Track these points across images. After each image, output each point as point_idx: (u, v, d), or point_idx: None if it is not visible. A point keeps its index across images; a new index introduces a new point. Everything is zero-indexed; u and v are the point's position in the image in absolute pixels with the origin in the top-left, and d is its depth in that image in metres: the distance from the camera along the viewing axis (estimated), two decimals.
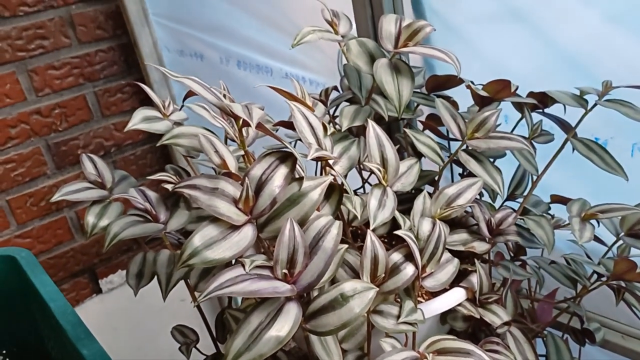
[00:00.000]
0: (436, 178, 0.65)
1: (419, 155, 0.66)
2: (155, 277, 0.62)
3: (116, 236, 0.56)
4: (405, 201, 0.64)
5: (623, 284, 0.59)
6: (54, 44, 1.13)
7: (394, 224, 0.61)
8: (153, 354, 1.32)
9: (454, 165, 0.72)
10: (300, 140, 0.50)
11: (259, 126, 0.46)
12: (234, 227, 0.44)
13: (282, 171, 0.46)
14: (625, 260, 0.55)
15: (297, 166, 0.50)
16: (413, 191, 0.64)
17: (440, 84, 0.68)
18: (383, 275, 0.49)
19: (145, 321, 1.27)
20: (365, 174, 0.73)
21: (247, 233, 0.44)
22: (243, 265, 0.43)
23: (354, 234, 0.70)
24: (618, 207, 0.55)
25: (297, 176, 0.47)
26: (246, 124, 0.46)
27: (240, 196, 0.44)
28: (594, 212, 0.55)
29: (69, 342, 0.60)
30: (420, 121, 0.70)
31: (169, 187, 0.62)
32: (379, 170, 0.55)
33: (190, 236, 0.42)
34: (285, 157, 0.46)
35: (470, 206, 0.58)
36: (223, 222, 0.44)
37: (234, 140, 0.60)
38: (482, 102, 0.62)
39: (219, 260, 0.42)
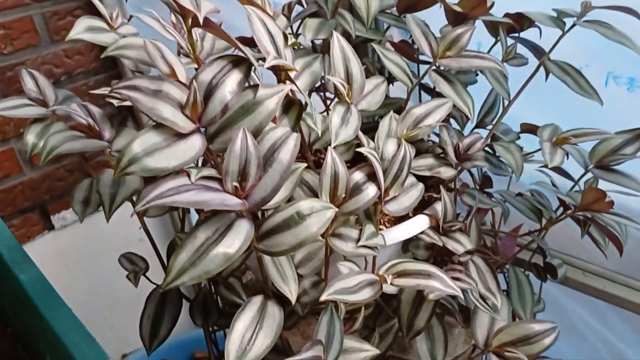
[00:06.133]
0: (403, 105, 0.61)
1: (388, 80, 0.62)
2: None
3: (53, 150, 0.50)
4: (370, 130, 0.60)
5: (589, 215, 0.57)
6: None
7: (358, 153, 0.58)
8: (112, 295, 1.28)
9: (422, 93, 0.69)
10: (263, 59, 0.46)
11: (207, 24, 0.41)
12: (180, 136, 0.40)
13: (235, 76, 0.41)
14: (594, 189, 0.53)
15: (253, 74, 0.45)
16: (379, 119, 0.61)
17: (412, 5, 0.64)
18: (343, 195, 0.46)
19: (101, 261, 1.22)
20: (330, 105, 0.69)
21: (195, 143, 0.40)
22: (188, 175, 0.39)
23: (316, 164, 0.66)
24: (592, 132, 0.53)
25: (252, 84, 0.43)
26: (196, 22, 0.41)
27: (187, 101, 0.40)
28: (567, 136, 0.53)
29: (4, 265, 0.56)
30: (390, 42, 0.66)
31: (115, 102, 0.57)
32: (343, 86, 0.50)
33: (128, 142, 0.38)
34: (239, 62, 0.42)
35: (438, 130, 0.55)
36: (167, 129, 0.39)
37: (187, 56, 0.55)
38: (455, 19, 0.58)
39: (161, 169, 0.38)
